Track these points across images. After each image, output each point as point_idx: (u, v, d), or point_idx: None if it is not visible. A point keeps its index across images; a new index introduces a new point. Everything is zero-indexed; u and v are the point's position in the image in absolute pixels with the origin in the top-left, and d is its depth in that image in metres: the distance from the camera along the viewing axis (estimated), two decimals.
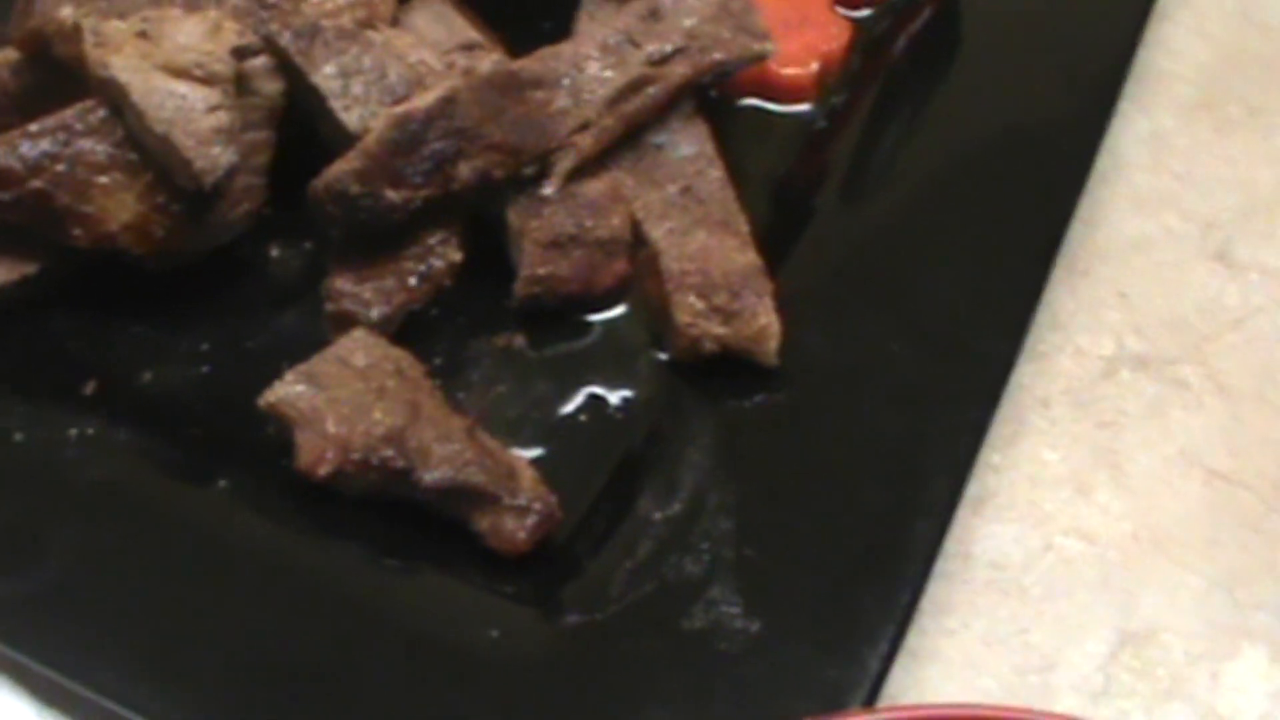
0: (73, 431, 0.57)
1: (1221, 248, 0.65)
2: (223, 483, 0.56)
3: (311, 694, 0.52)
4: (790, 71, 0.64)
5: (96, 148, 0.57)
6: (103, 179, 0.57)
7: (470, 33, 0.62)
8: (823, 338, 0.58)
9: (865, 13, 0.67)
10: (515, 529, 0.54)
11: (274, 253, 0.62)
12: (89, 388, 0.58)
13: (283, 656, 0.52)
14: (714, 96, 0.64)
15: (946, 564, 0.57)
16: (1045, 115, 0.65)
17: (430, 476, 0.54)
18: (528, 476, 0.54)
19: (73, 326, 0.60)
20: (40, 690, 0.53)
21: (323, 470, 0.54)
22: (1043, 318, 0.62)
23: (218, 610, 0.53)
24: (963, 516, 0.58)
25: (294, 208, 0.59)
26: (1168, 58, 0.70)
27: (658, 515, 0.55)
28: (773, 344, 0.57)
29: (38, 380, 0.59)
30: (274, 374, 0.56)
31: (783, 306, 0.58)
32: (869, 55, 0.66)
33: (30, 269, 0.59)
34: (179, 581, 0.54)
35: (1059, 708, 0.54)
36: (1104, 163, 0.66)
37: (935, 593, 0.56)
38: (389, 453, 0.54)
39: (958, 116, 0.65)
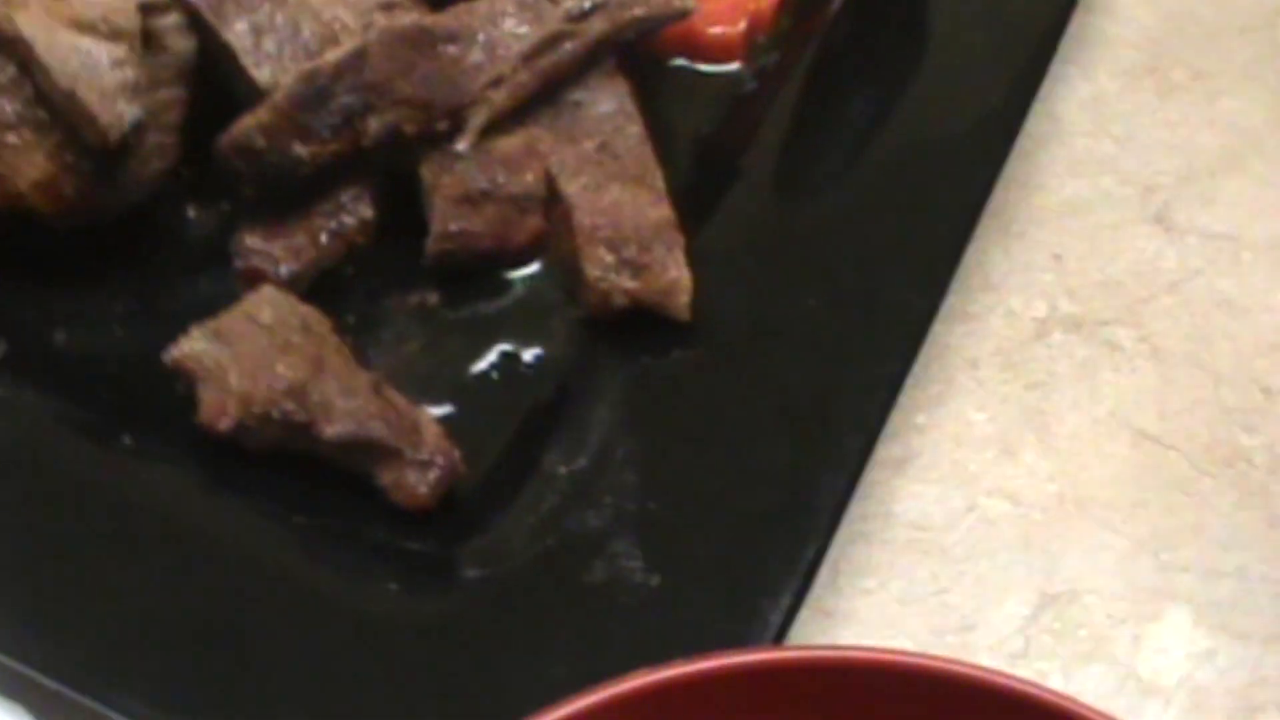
0: None
1: (1160, 211, 0.64)
2: (127, 440, 0.55)
3: (207, 650, 0.51)
4: (717, 30, 0.63)
5: (5, 106, 0.56)
6: (11, 137, 0.56)
7: None
8: (739, 295, 0.57)
9: None
10: (417, 483, 0.53)
11: (190, 213, 0.61)
12: None
13: (180, 612, 0.52)
14: (641, 56, 0.63)
15: (866, 525, 0.56)
16: (979, 76, 0.64)
17: (332, 430, 0.53)
18: (431, 431, 0.53)
19: None
20: None
21: (224, 424, 0.53)
22: (975, 280, 0.61)
23: (117, 566, 0.53)
24: (884, 477, 0.57)
25: (211, 168, 0.59)
26: (1112, 22, 0.69)
27: (562, 470, 0.54)
28: (684, 298, 0.56)
29: None
30: (180, 337, 0.55)
31: (700, 263, 0.57)
32: (799, 16, 0.65)
33: None
34: (78, 538, 0.53)
35: None
36: (1043, 127, 0.65)
37: (854, 553, 0.55)
38: (290, 406, 0.53)
39: (888, 77, 0.64)
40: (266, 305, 0.56)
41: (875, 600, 0.55)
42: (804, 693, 0.42)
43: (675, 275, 0.56)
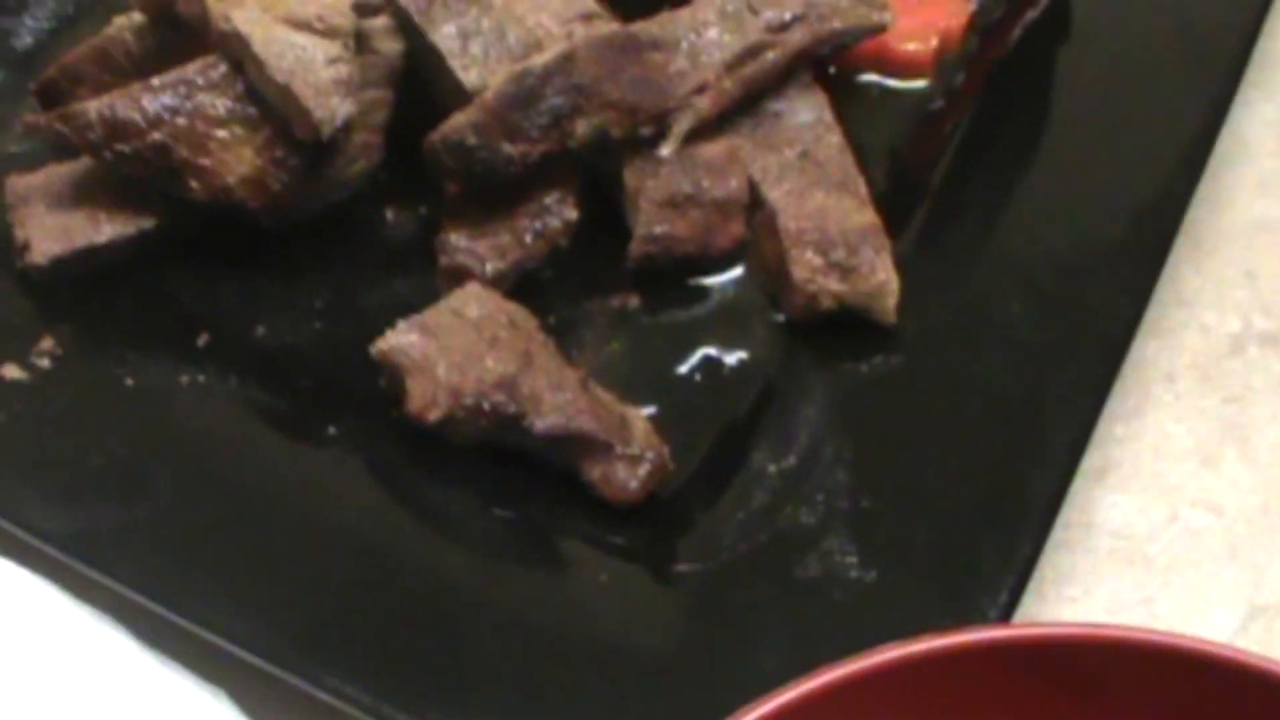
0: (184, 379, 0.57)
1: None
2: (331, 430, 0.56)
3: (413, 636, 0.51)
4: (909, 47, 0.63)
5: (216, 102, 0.57)
6: (221, 133, 0.57)
7: (589, 3, 0.62)
8: (941, 299, 0.57)
9: None
10: (627, 478, 0.53)
11: (389, 215, 0.61)
12: (201, 340, 0.58)
13: (385, 598, 0.52)
14: (833, 72, 0.63)
15: (1068, 533, 0.56)
16: (1167, 98, 0.64)
17: (542, 423, 0.53)
18: (640, 426, 0.54)
19: (187, 281, 0.60)
20: (143, 625, 0.52)
21: (434, 415, 0.53)
22: (1167, 294, 0.61)
23: (322, 552, 0.53)
24: (1085, 486, 0.56)
25: (410, 172, 0.60)
26: None
27: (771, 468, 0.54)
28: (891, 300, 0.56)
29: (151, 332, 0.59)
30: (387, 330, 0.56)
31: (901, 267, 0.57)
32: (986, 35, 0.66)
33: (147, 223, 0.59)
34: (282, 522, 0.54)
35: None
36: (1229, 147, 0.65)
37: (1057, 561, 0.55)
38: (501, 398, 0.53)
39: (1078, 97, 0.64)
40: (473, 301, 0.56)
41: (1081, 609, 0.54)
42: (1038, 673, 0.42)
43: (884, 278, 0.56)
